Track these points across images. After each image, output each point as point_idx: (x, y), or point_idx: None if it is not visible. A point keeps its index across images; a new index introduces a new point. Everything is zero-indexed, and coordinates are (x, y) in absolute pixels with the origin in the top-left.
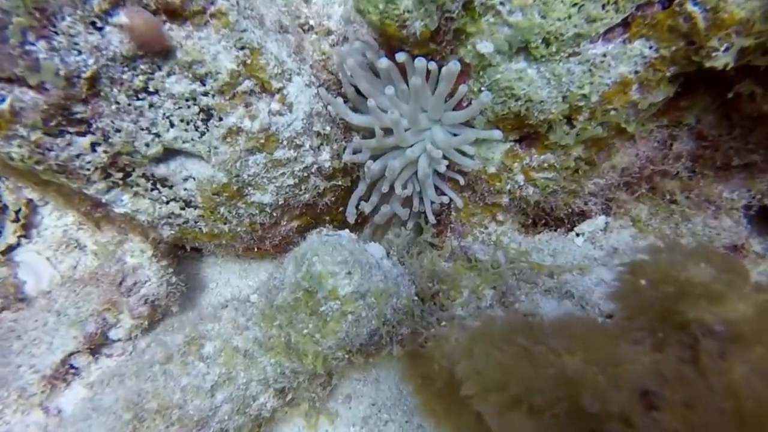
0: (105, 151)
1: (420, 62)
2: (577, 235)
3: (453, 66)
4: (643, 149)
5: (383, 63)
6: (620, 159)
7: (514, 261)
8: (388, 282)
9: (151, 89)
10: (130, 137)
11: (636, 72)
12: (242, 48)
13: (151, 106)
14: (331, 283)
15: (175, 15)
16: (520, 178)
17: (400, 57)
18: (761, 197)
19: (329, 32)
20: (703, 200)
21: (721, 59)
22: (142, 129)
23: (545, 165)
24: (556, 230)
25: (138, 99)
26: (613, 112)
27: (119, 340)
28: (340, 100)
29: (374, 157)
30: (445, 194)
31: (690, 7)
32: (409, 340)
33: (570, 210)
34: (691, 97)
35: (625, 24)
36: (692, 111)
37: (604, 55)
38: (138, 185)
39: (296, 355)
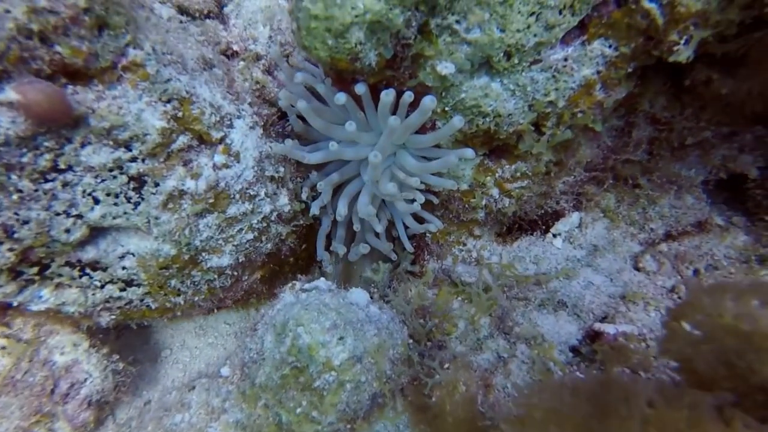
0: (11, 249)
1: (387, 97)
2: (554, 236)
3: (429, 101)
4: (604, 140)
5: (341, 99)
6: (584, 153)
7: (499, 277)
8: (381, 334)
9: (62, 166)
10: (42, 227)
11: (598, 72)
12: (169, 101)
13: (65, 185)
14: (323, 355)
15: (78, 76)
16: (495, 191)
17: (360, 89)
18: (717, 171)
19: (258, 57)
20: (665, 181)
21: (683, 53)
22: (58, 214)
23: (518, 174)
24: (532, 234)
25: (46, 181)
26: (580, 114)
27: None
28: (290, 143)
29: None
30: (419, 222)
31: (646, 4)
32: (412, 391)
33: (543, 211)
34: (644, 84)
35: (582, 26)
36: (646, 96)
37: (566, 59)
38: (60, 275)
39: None
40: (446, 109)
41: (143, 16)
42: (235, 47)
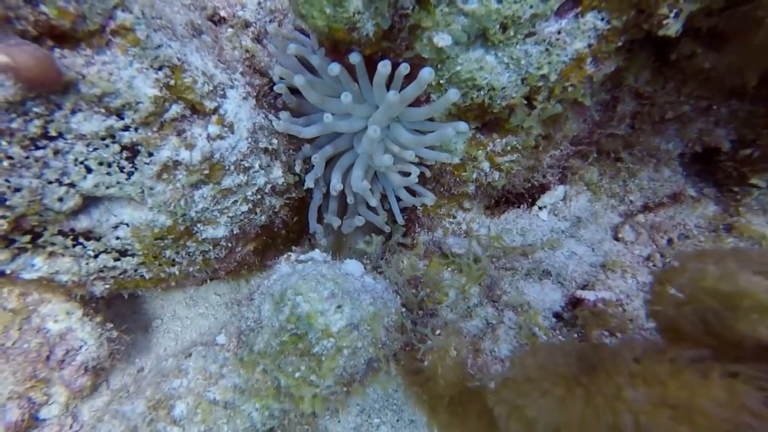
0: (3, 216)
1: (384, 68)
2: (540, 208)
3: (427, 73)
4: (591, 114)
5: (335, 70)
6: (571, 127)
7: (487, 248)
8: (377, 303)
9: (52, 133)
10: (34, 195)
11: (590, 45)
12: (160, 68)
13: (56, 153)
14: (322, 322)
15: (65, 39)
16: (486, 165)
17: (355, 59)
18: (693, 144)
19: (247, 24)
20: (645, 155)
21: (672, 27)
22: (50, 182)
23: (508, 148)
24: (519, 207)
25: (37, 148)
26: (570, 88)
27: (54, 416)
28: (286, 117)
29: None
30: (412, 195)
31: None
32: (405, 357)
33: (530, 185)
34: (630, 58)
35: None
36: (631, 70)
37: (559, 32)
38: (53, 244)
39: (289, 399)
40: (441, 81)
41: None
42: (222, 13)
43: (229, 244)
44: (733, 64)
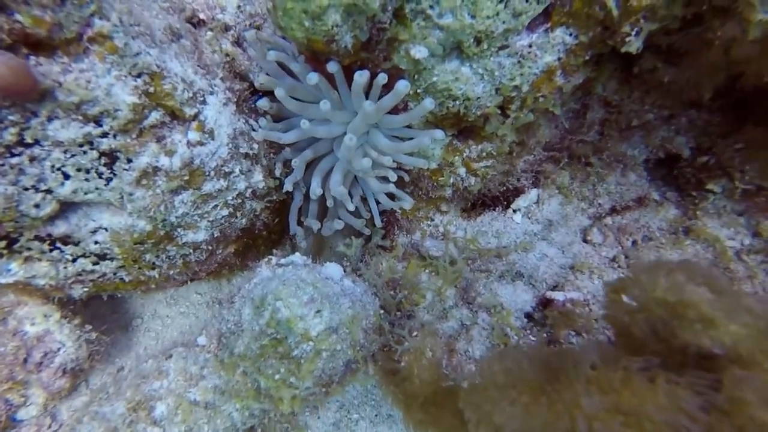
0: None
1: (361, 78)
2: (514, 211)
3: (403, 86)
4: (562, 122)
5: (313, 79)
6: (543, 133)
7: (464, 250)
8: (355, 306)
9: (28, 140)
10: (10, 201)
11: (559, 59)
12: (139, 75)
13: (32, 159)
14: (301, 327)
15: (41, 47)
16: (462, 170)
17: (332, 68)
18: (656, 151)
19: (227, 27)
20: (613, 160)
21: (634, 44)
22: (26, 189)
23: (484, 154)
24: (494, 209)
25: (13, 155)
26: (542, 99)
27: (32, 417)
28: (265, 124)
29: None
30: (391, 199)
31: None
32: (382, 357)
33: (505, 188)
34: (598, 69)
35: (546, 13)
36: (600, 80)
37: (530, 46)
38: (30, 249)
39: (269, 400)
40: (418, 91)
41: None
42: (202, 15)
43: (210, 247)
44: (690, 79)
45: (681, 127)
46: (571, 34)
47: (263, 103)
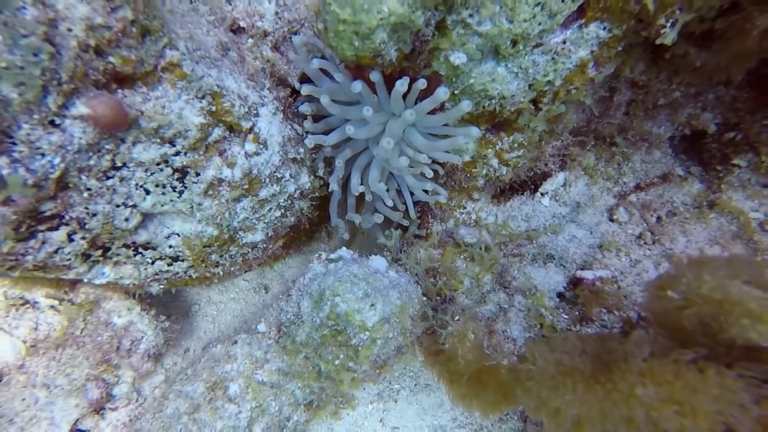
0: (83, 238)
1: (402, 86)
2: (542, 195)
3: (442, 93)
4: (590, 107)
5: (357, 88)
6: (570, 118)
7: (495, 235)
8: (402, 296)
9: (118, 164)
10: (107, 218)
11: (592, 52)
12: (203, 97)
13: (122, 180)
14: (358, 319)
15: (126, 80)
16: (495, 162)
17: (375, 77)
18: (682, 128)
19: (266, 34)
20: (638, 139)
21: (669, 36)
22: (118, 206)
23: (515, 145)
24: (523, 193)
25: (108, 178)
26: (574, 91)
27: (124, 393)
28: (308, 126)
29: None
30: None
31: None
32: (427, 341)
33: (533, 173)
34: (628, 52)
35: (581, 10)
36: (628, 63)
37: (564, 42)
38: (119, 255)
39: (329, 381)
40: (456, 92)
41: (165, 9)
42: (242, 23)
43: (265, 245)
44: (722, 62)
45: (708, 103)
46: (605, 29)
47: (306, 108)
